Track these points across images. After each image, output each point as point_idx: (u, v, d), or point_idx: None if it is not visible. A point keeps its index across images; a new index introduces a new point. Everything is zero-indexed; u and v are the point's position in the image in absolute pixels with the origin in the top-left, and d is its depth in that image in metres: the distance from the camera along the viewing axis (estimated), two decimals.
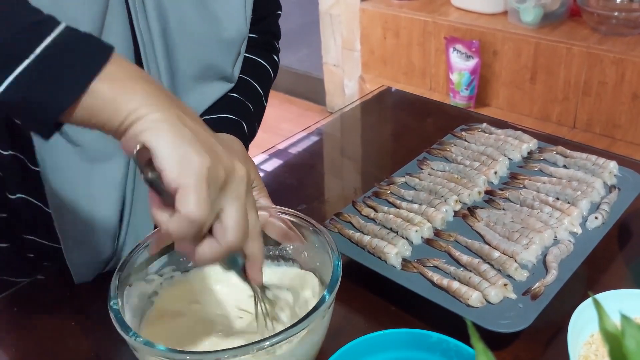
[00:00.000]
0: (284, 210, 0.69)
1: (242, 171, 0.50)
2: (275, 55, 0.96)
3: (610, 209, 0.79)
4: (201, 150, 0.46)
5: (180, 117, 0.47)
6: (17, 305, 0.78)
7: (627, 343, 0.34)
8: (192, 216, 0.46)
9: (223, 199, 0.48)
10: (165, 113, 0.47)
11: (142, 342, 0.54)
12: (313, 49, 3.15)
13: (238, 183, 0.49)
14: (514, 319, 0.64)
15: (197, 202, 0.45)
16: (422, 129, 1.17)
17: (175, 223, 0.46)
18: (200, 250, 0.50)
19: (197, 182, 0.46)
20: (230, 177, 0.49)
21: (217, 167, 0.47)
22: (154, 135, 0.46)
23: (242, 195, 0.50)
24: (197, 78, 0.79)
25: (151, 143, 0.46)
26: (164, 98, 0.48)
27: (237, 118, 0.81)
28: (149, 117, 0.46)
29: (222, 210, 0.49)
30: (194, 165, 0.46)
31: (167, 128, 0.46)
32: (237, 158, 0.50)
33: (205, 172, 0.46)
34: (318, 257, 0.65)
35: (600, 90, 1.99)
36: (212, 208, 0.47)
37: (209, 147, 0.48)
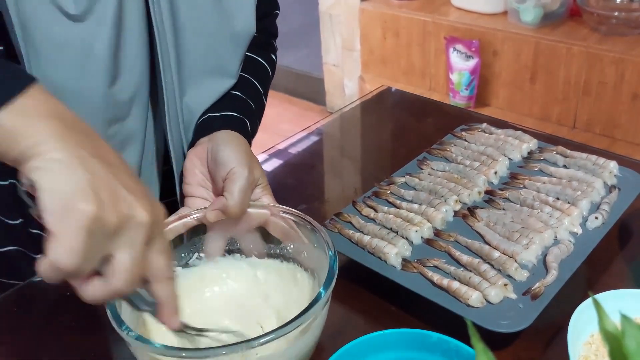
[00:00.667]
0: (286, 209, 0.69)
1: (141, 216, 0.48)
2: (273, 54, 0.96)
3: (610, 209, 0.79)
4: (88, 197, 0.45)
5: (82, 159, 0.46)
6: (17, 305, 0.78)
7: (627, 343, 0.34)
8: (58, 264, 0.44)
9: (112, 245, 0.47)
10: (65, 154, 0.46)
11: (134, 337, 0.53)
12: (313, 49, 3.15)
13: (134, 230, 0.47)
14: (514, 319, 0.64)
15: (66, 251, 0.44)
16: (422, 129, 1.17)
17: (42, 267, 0.45)
18: (87, 289, 0.48)
19: (71, 231, 0.44)
20: (125, 224, 0.47)
21: (106, 215, 0.45)
22: (42, 175, 0.45)
23: (137, 242, 0.48)
24: (204, 72, 0.79)
25: (37, 182, 0.45)
26: (73, 137, 0.47)
27: (240, 116, 0.81)
28: (45, 156, 0.45)
29: (112, 256, 0.47)
30: (75, 213, 0.44)
31: (60, 171, 0.45)
32: (143, 203, 0.49)
33: (85, 222, 0.44)
34: (317, 256, 0.65)
35: (600, 90, 1.99)
36: (94, 254, 0.46)
37: (106, 193, 0.46)
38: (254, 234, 0.72)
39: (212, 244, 0.72)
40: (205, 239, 0.71)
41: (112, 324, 0.55)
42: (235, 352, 0.52)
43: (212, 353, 0.53)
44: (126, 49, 0.70)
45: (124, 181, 0.48)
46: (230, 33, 0.79)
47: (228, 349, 0.52)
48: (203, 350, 0.54)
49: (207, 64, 0.79)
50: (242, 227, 0.71)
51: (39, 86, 0.48)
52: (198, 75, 0.79)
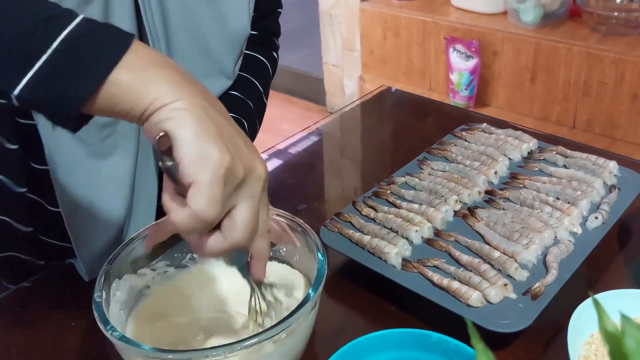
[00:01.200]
0: (279, 212, 0.69)
1: (260, 170, 0.49)
2: (274, 52, 0.96)
3: (610, 208, 0.79)
4: (222, 147, 0.46)
5: (205, 108, 0.47)
6: (17, 305, 0.78)
7: (627, 343, 0.34)
8: (201, 214, 0.45)
9: (237, 197, 0.48)
10: (190, 102, 0.46)
11: (118, 337, 0.53)
12: (313, 49, 3.15)
13: (255, 182, 0.49)
14: (514, 319, 0.64)
15: (209, 200, 0.45)
16: (422, 129, 1.17)
17: (183, 217, 0.46)
18: (208, 243, 0.49)
19: (212, 180, 0.45)
20: (249, 175, 0.48)
21: (236, 165, 0.46)
22: (177, 124, 0.45)
23: (257, 195, 0.49)
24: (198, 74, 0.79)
25: (173, 132, 0.45)
26: (189, 86, 0.47)
27: (238, 117, 0.81)
28: (172, 106, 0.45)
29: (234, 207, 0.48)
30: (213, 162, 0.45)
31: (190, 119, 0.45)
32: (257, 155, 0.50)
33: (222, 170, 0.45)
34: (308, 259, 0.65)
35: (600, 90, 1.99)
36: (224, 206, 0.47)
37: (231, 143, 0.47)
38: None
39: None
40: None
41: (98, 324, 0.55)
42: (219, 355, 0.52)
43: (196, 356, 0.52)
44: None
45: (240, 134, 0.49)
46: (225, 34, 0.79)
47: (213, 351, 0.52)
48: (186, 352, 0.54)
49: (202, 65, 0.79)
50: None
51: (138, 41, 0.48)
52: None
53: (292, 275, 0.69)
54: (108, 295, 0.60)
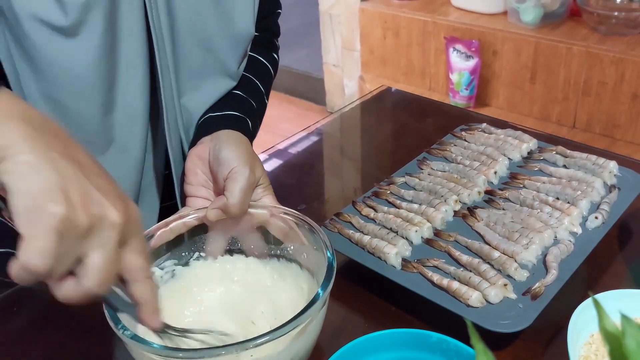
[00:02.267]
0: (286, 210, 0.69)
1: (113, 217, 0.48)
2: (275, 54, 0.96)
3: (610, 208, 0.79)
4: (58, 198, 0.45)
5: (52, 160, 0.46)
6: (17, 305, 0.78)
7: (627, 343, 0.34)
8: (29, 267, 0.44)
9: (85, 246, 0.47)
10: (34, 156, 0.45)
11: (130, 336, 0.53)
12: (313, 49, 3.15)
13: (106, 230, 0.47)
14: (514, 319, 0.64)
15: (36, 253, 0.44)
16: (422, 129, 1.17)
17: (15, 269, 0.45)
18: (60, 289, 0.48)
19: (41, 233, 0.44)
20: (97, 225, 0.47)
21: (76, 216, 0.45)
22: (14, 178, 0.45)
23: (110, 242, 0.48)
24: (203, 75, 0.79)
25: (7, 185, 0.45)
26: (43, 140, 0.47)
27: (242, 115, 0.81)
28: (14, 158, 0.45)
29: (85, 255, 0.47)
30: (44, 215, 0.44)
31: (28, 173, 0.45)
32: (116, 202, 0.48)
33: (54, 223, 0.44)
34: (316, 257, 0.65)
35: (600, 90, 1.99)
36: (66, 256, 0.46)
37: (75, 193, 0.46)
38: (255, 234, 0.71)
39: (213, 243, 0.72)
40: (207, 239, 0.71)
41: (109, 323, 0.55)
42: (230, 353, 0.52)
43: (207, 354, 0.52)
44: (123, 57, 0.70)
45: (95, 181, 0.48)
46: (230, 35, 0.79)
47: (223, 349, 0.52)
48: (198, 350, 0.54)
49: (206, 66, 0.79)
50: (243, 227, 0.71)
51: (6, 90, 0.48)
52: (197, 78, 0.79)
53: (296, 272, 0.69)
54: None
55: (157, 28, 0.72)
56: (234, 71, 0.83)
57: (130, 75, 0.72)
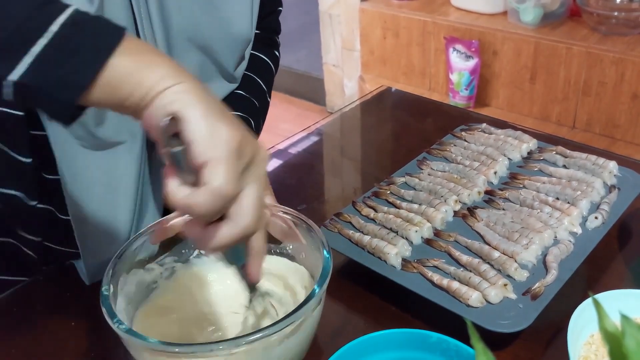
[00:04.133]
0: (285, 209, 0.69)
1: (264, 153, 0.49)
2: (276, 51, 0.96)
3: (610, 209, 0.79)
4: (231, 125, 0.45)
5: (206, 90, 0.47)
6: (17, 306, 0.78)
7: (627, 343, 0.34)
8: (222, 190, 0.44)
9: (244, 179, 0.47)
10: (191, 84, 0.46)
11: (125, 330, 0.54)
12: (313, 49, 3.15)
13: (260, 164, 0.48)
14: (514, 319, 0.64)
15: (227, 176, 0.44)
16: (422, 129, 1.17)
17: (202, 197, 0.44)
18: (218, 234, 0.47)
19: (228, 156, 0.44)
20: (255, 156, 0.47)
21: (246, 144, 0.46)
22: (184, 106, 0.45)
23: (262, 177, 0.48)
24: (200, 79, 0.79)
25: (182, 113, 0.44)
26: (184, 71, 0.47)
27: (244, 115, 0.81)
28: (176, 88, 0.45)
29: (242, 191, 0.47)
30: (226, 138, 0.45)
31: (196, 100, 0.45)
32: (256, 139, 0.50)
33: (236, 146, 0.45)
34: (314, 257, 0.65)
35: (600, 90, 1.99)
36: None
37: (236, 124, 0.47)
38: None
39: None
40: None
41: (105, 317, 0.55)
42: (224, 349, 0.52)
43: (200, 349, 0.52)
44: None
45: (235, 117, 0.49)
46: (227, 38, 0.79)
47: (217, 345, 0.52)
48: (192, 345, 0.54)
49: (205, 70, 0.79)
50: None
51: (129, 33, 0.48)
52: None
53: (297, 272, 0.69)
54: (116, 290, 0.60)
55: (147, 36, 0.71)
56: (233, 74, 0.83)
57: None
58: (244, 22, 0.79)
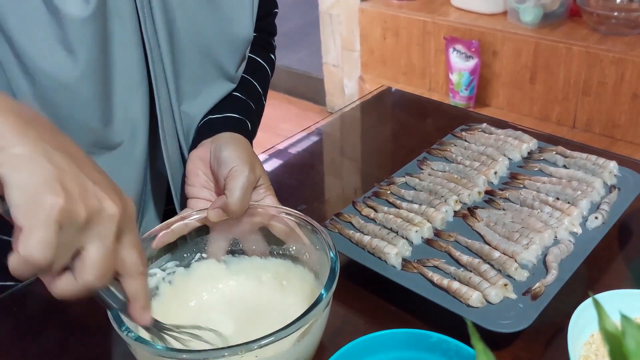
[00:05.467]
0: (288, 210, 0.69)
1: (111, 210, 0.47)
2: (272, 54, 0.96)
3: (610, 208, 0.79)
4: (57, 191, 0.44)
5: (46, 152, 0.46)
6: (17, 305, 0.78)
7: (627, 343, 0.34)
8: (30, 259, 0.44)
9: (84, 238, 0.46)
10: (27, 148, 0.45)
11: (134, 337, 0.53)
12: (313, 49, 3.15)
13: (104, 222, 0.47)
14: (514, 319, 0.64)
15: (37, 245, 0.43)
16: (422, 129, 1.17)
17: (14, 262, 0.44)
18: (57, 284, 0.48)
19: (41, 224, 0.43)
20: (94, 217, 0.46)
21: (75, 208, 0.45)
22: (9, 170, 0.44)
23: (108, 235, 0.47)
24: (202, 80, 0.80)
25: (4, 178, 0.44)
26: (34, 132, 0.46)
27: (241, 117, 0.81)
28: (8, 151, 0.45)
29: (83, 248, 0.47)
30: (44, 206, 0.44)
31: (24, 165, 0.44)
32: (111, 194, 0.48)
33: (54, 214, 0.44)
34: (319, 258, 0.65)
35: (600, 90, 1.99)
36: (65, 249, 0.45)
37: (74, 186, 0.46)
38: (256, 234, 0.72)
39: (214, 244, 0.72)
40: (208, 240, 0.72)
41: (112, 324, 0.55)
42: (235, 354, 0.52)
43: (212, 355, 0.52)
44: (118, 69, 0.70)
45: (89, 174, 0.48)
46: (229, 40, 0.79)
47: (227, 350, 0.52)
48: (202, 352, 0.54)
49: (206, 72, 0.79)
50: (244, 228, 0.71)
51: None
52: (196, 83, 0.79)
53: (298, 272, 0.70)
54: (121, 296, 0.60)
55: (151, 39, 0.72)
56: (234, 74, 0.83)
57: (127, 86, 0.72)
58: (245, 22, 0.79)
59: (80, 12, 0.63)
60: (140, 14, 0.70)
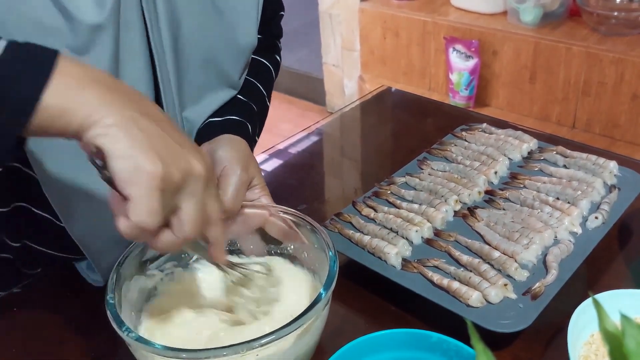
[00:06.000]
0: (285, 209, 0.69)
1: (198, 168, 0.51)
2: (277, 55, 0.96)
3: (610, 208, 0.79)
4: (154, 158, 0.47)
5: (134, 120, 0.48)
6: (17, 305, 0.78)
7: (627, 343, 0.34)
8: (141, 224, 0.47)
9: (180, 198, 0.50)
10: (118, 117, 0.47)
11: (134, 337, 0.54)
12: (313, 49, 3.15)
13: (194, 182, 0.51)
14: (514, 319, 0.64)
15: (146, 212, 0.47)
16: (422, 129, 1.17)
17: (125, 227, 0.48)
18: (159, 241, 0.52)
19: (147, 193, 0.47)
20: (187, 178, 0.50)
21: (172, 173, 0.48)
22: (107, 141, 0.47)
23: (199, 192, 0.51)
24: (205, 87, 0.80)
25: (104, 148, 0.47)
26: (118, 99, 0.48)
27: (241, 119, 0.81)
28: (102, 122, 0.47)
29: (179, 207, 0.51)
30: (146, 175, 0.47)
31: (119, 134, 0.47)
32: (194, 153, 0.51)
33: (157, 182, 0.47)
34: (317, 257, 0.65)
35: (600, 90, 1.99)
36: (165, 210, 0.49)
37: (164, 150, 0.48)
38: (254, 235, 0.72)
39: None
40: None
41: (112, 325, 0.55)
42: (236, 352, 0.52)
43: (213, 354, 0.53)
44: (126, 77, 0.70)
45: (175, 136, 0.51)
46: (233, 48, 0.79)
47: (228, 349, 0.52)
48: (203, 351, 0.54)
49: (208, 78, 0.79)
50: (241, 228, 0.71)
51: (64, 57, 0.48)
52: (198, 90, 0.79)
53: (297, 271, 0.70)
54: (120, 297, 0.60)
55: (158, 47, 0.72)
56: (237, 81, 0.83)
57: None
58: (249, 30, 0.79)
59: (93, 19, 0.63)
60: (148, 23, 0.70)
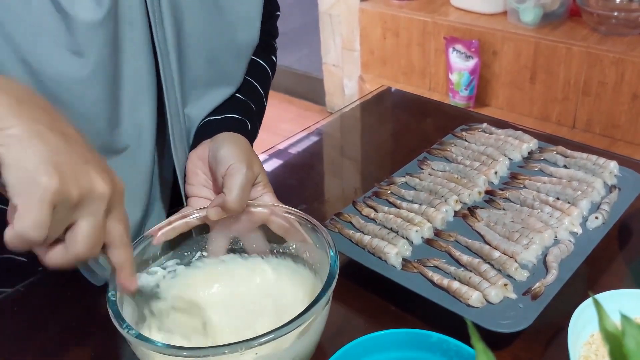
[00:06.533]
0: (288, 209, 0.69)
1: (101, 189, 0.50)
2: (273, 56, 0.96)
3: (610, 208, 0.79)
4: (51, 171, 0.46)
5: (40, 133, 0.47)
6: (17, 305, 0.78)
7: (627, 343, 0.34)
8: (25, 235, 0.46)
9: (77, 214, 0.49)
10: (22, 129, 0.47)
11: (135, 334, 0.54)
12: (313, 49, 3.15)
13: (94, 201, 0.50)
14: (514, 319, 0.64)
15: (31, 223, 0.46)
16: (422, 129, 1.17)
17: (9, 236, 0.47)
18: (49, 255, 0.51)
19: (36, 204, 0.46)
20: (87, 195, 0.49)
21: (68, 189, 0.47)
22: (5, 152, 0.46)
23: (98, 212, 0.50)
24: (206, 84, 0.80)
25: (1, 157, 0.46)
26: (27, 112, 0.48)
27: (241, 117, 0.81)
28: (5, 132, 0.46)
29: (75, 223, 0.50)
30: (36, 186, 0.46)
31: (19, 146, 0.46)
32: (102, 174, 0.51)
33: (48, 195, 0.46)
34: (319, 256, 0.65)
35: (600, 90, 1.99)
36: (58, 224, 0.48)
37: (66, 166, 0.48)
38: (256, 233, 0.72)
39: (215, 243, 0.72)
40: (208, 238, 0.72)
41: (113, 322, 0.55)
42: (235, 351, 0.52)
43: (212, 352, 0.53)
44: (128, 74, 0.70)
45: (82, 154, 0.50)
46: (235, 46, 0.79)
47: (227, 348, 0.52)
48: (202, 349, 0.54)
49: (210, 75, 0.79)
50: (244, 226, 0.71)
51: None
52: (200, 87, 0.79)
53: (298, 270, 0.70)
54: (122, 294, 0.60)
55: (162, 44, 0.72)
56: (238, 79, 0.83)
57: (136, 91, 0.72)
58: (251, 29, 0.79)
59: (91, 17, 0.63)
60: (152, 20, 0.70)
